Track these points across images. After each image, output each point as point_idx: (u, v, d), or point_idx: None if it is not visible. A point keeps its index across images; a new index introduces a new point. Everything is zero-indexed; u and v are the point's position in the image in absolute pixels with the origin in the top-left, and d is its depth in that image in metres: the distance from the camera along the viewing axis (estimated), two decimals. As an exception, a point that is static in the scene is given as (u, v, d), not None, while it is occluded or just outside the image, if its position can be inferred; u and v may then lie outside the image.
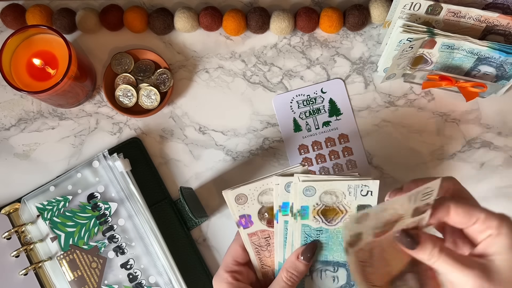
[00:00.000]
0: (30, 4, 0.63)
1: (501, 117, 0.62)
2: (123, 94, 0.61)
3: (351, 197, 0.45)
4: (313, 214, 0.45)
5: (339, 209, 0.45)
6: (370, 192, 0.44)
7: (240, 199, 0.47)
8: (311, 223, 0.46)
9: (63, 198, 0.57)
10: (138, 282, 0.56)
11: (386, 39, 0.60)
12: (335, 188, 0.44)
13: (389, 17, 0.59)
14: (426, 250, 0.41)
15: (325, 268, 0.48)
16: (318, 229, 0.46)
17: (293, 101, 0.62)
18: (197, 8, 0.63)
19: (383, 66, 0.61)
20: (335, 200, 0.45)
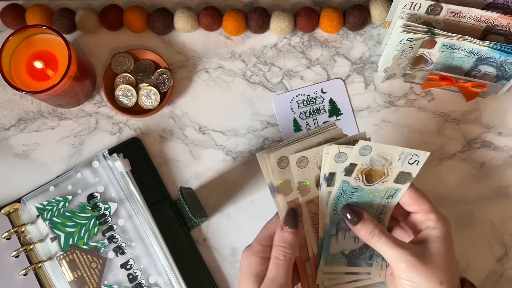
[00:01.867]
0: (30, 4, 0.63)
1: (502, 117, 0.62)
2: (123, 94, 0.61)
3: (398, 163, 0.46)
4: (357, 173, 0.46)
5: (383, 171, 0.46)
6: (417, 161, 0.45)
7: (301, 162, 0.45)
8: (351, 180, 0.47)
9: (63, 198, 0.57)
10: (138, 282, 0.56)
11: (386, 39, 0.60)
12: (389, 153, 0.45)
13: (389, 17, 0.59)
14: (368, 228, 0.46)
15: (348, 227, 0.49)
16: (355, 187, 0.47)
17: (293, 101, 0.62)
18: (197, 8, 0.63)
19: (383, 66, 0.61)
20: (384, 163, 0.46)
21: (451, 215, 0.59)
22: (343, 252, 0.50)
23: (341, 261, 0.50)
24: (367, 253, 0.51)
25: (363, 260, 0.51)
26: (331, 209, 0.48)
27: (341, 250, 0.50)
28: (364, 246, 0.50)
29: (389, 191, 0.48)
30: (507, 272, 0.58)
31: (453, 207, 0.59)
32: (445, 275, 0.45)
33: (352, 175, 0.46)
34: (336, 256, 0.50)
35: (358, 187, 0.47)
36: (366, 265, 0.51)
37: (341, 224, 0.49)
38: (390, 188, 0.48)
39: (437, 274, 0.45)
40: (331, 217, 0.49)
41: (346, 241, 0.50)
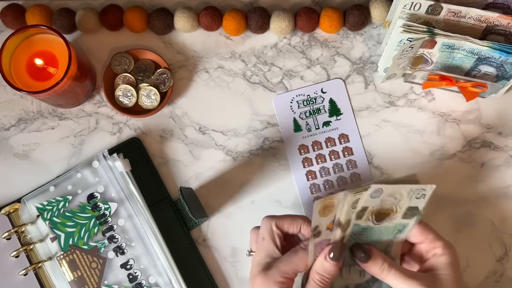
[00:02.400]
0: (30, 4, 0.63)
1: (502, 117, 0.62)
2: (123, 94, 0.61)
3: (407, 199, 0.46)
4: (368, 215, 0.46)
5: (392, 209, 0.47)
6: (424, 195, 0.46)
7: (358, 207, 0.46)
8: (362, 222, 0.47)
9: (63, 198, 0.57)
10: (138, 282, 0.56)
11: (386, 39, 0.60)
12: (399, 191, 0.45)
13: (389, 17, 0.59)
14: (378, 264, 0.46)
15: (354, 263, 0.49)
16: (365, 227, 0.48)
17: (293, 101, 0.62)
18: (197, 8, 0.63)
19: (383, 66, 0.61)
20: (393, 202, 0.46)
21: (451, 215, 0.59)
22: (348, 287, 0.50)
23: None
24: (373, 287, 0.50)
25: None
26: None
27: (345, 285, 0.50)
28: (370, 280, 0.50)
29: (398, 227, 0.48)
30: (507, 272, 0.58)
31: (453, 207, 0.59)
32: None
33: (363, 218, 0.47)
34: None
35: (367, 227, 0.48)
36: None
37: (346, 259, 0.49)
38: (399, 224, 0.48)
39: None
40: None
41: (351, 276, 0.50)
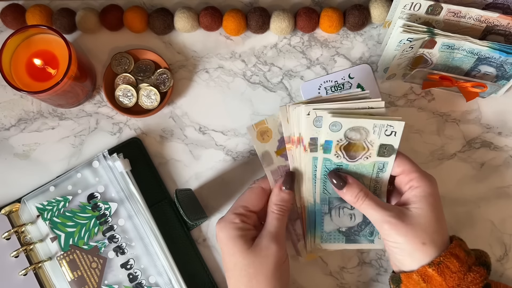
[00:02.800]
0: (30, 4, 0.63)
1: (501, 117, 0.62)
2: (123, 94, 0.61)
3: (375, 135, 0.46)
4: (336, 149, 0.47)
5: (362, 146, 0.47)
6: (394, 132, 0.45)
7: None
8: (332, 157, 0.47)
9: (63, 198, 0.57)
10: (138, 282, 0.56)
11: (386, 39, 0.60)
12: (361, 125, 0.45)
13: (389, 17, 0.59)
14: (353, 192, 0.47)
15: (342, 205, 0.50)
16: (339, 164, 0.48)
17: (321, 87, 0.62)
18: (197, 8, 0.63)
19: (383, 66, 0.61)
20: (359, 137, 0.46)
21: (451, 215, 0.59)
22: (339, 229, 0.51)
23: (338, 239, 0.51)
24: (366, 229, 0.51)
25: (363, 237, 0.51)
26: (320, 188, 0.49)
27: (337, 228, 0.51)
28: (362, 223, 0.51)
29: (376, 165, 0.48)
30: (507, 272, 0.58)
31: (453, 207, 0.60)
32: (429, 235, 0.45)
33: (331, 152, 0.47)
34: (333, 233, 0.51)
35: (341, 164, 0.48)
36: (367, 242, 0.52)
37: (333, 202, 0.50)
38: (377, 162, 0.48)
39: (418, 235, 0.45)
40: (321, 195, 0.50)
41: (341, 219, 0.51)
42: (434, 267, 0.44)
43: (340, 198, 0.50)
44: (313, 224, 0.51)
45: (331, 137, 0.46)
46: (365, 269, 0.58)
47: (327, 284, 0.58)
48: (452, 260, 0.45)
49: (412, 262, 0.46)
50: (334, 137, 0.46)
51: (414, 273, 0.45)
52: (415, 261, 0.45)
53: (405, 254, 0.46)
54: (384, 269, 0.58)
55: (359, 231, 0.51)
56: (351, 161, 0.48)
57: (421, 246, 0.45)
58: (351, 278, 0.58)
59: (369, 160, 0.48)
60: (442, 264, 0.44)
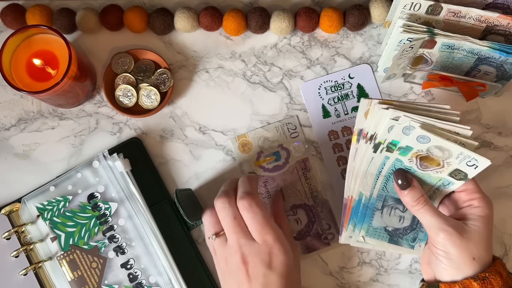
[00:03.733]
0: (30, 4, 0.63)
1: (501, 117, 0.62)
2: (123, 94, 0.61)
3: (456, 160, 0.47)
4: (412, 156, 0.48)
5: (438, 162, 0.48)
6: (476, 166, 0.47)
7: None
8: (405, 160, 0.49)
9: (63, 198, 0.57)
10: (138, 282, 0.56)
11: (386, 39, 0.60)
12: (448, 148, 0.46)
13: (389, 17, 0.59)
14: (415, 195, 0.48)
15: (396, 206, 0.52)
16: (408, 167, 0.49)
17: (321, 87, 0.62)
18: (197, 8, 0.63)
19: (383, 66, 0.61)
20: (440, 155, 0.47)
21: (451, 215, 0.59)
22: (386, 228, 0.53)
23: (383, 237, 0.53)
24: (410, 234, 0.53)
25: (406, 241, 0.53)
26: (380, 184, 0.51)
27: (384, 226, 0.52)
28: (408, 228, 0.52)
29: (442, 181, 0.50)
30: (507, 272, 0.58)
31: (453, 207, 0.60)
32: (480, 253, 0.47)
33: (406, 156, 0.48)
34: (379, 230, 0.53)
35: (411, 168, 0.49)
36: (407, 247, 0.53)
37: (388, 201, 0.51)
38: (444, 179, 0.49)
39: (471, 250, 0.46)
40: (379, 191, 0.51)
41: (391, 218, 0.52)
42: (479, 282, 0.46)
43: (395, 199, 0.52)
44: (363, 217, 0.53)
45: (414, 145, 0.47)
46: (365, 269, 0.58)
47: (327, 284, 0.58)
48: (496, 278, 0.46)
49: (456, 274, 0.47)
50: (417, 146, 0.47)
51: (457, 284, 0.47)
52: (460, 274, 0.47)
53: (453, 265, 0.47)
54: (384, 269, 0.58)
55: (404, 235, 0.53)
56: (421, 169, 0.49)
57: (470, 261, 0.46)
58: (351, 278, 0.58)
59: (437, 175, 0.49)
60: (487, 280, 0.46)
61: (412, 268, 0.58)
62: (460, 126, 0.48)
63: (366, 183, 0.52)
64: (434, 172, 0.49)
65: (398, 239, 0.53)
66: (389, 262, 0.58)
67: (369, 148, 0.50)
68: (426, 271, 0.52)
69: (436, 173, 0.49)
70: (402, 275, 0.58)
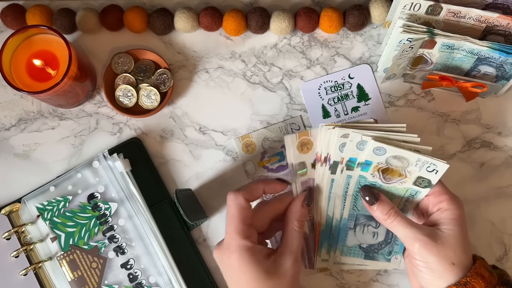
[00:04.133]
0: (30, 4, 0.63)
1: (501, 117, 0.62)
2: (123, 94, 0.61)
3: (416, 168, 0.47)
4: (373, 170, 0.48)
5: (400, 172, 0.48)
6: (436, 171, 0.47)
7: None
8: (368, 176, 0.49)
9: (63, 198, 0.57)
10: (138, 282, 0.56)
11: (386, 39, 0.60)
12: (405, 156, 0.47)
13: (389, 17, 0.59)
14: (384, 209, 0.48)
15: (368, 223, 0.52)
16: (373, 183, 0.49)
17: (321, 87, 0.62)
18: (197, 8, 0.63)
19: (383, 66, 0.61)
20: (400, 165, 0.47)
21: (451, 215, 0.59)
22: (360, 245, 0.53)
23: (358, 254, 0.53)
24: (385, 249, 0.52)
25: (382, 255, 0.53)
26: (350, 204, 0.51)
27: (358, 244, 0.52)
28: (383, 242, 0.52)
29: (409, 191, 0.49)
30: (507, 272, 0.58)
31: (453, 207, 0.60)
32: (458, 257, 0.46)
33: (368, 171, 0.48)
34: (353, 248, 0.53)
35: (376, 183, 0.49)
36: (384, 260, 0.53)
37: (360, 219, 0.51)
38: (410, 189, 0.49)
39: (448, 255, 0.46)
40: (350, 211, 0.51)
41: (364, 236, 0.52)
42: (461, 287, 0.45)
43: (367, 216, 0.52)
44: (336, 238, 0.53)
45: (372, 158, 0.47)
46: (365, 269, 0.58)
47: (327, 284, 0.58)
48: (478, 280, 0.45)
49: (440, 284, 0.46)
50: (375, 159, 0.47)
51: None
52: (443, 282, 0.46)
53: (434, 274, 0.46)
54: (384, 269, 0.58)
55: (379, 249, 0.53)
56: (386, 182, 0.49)
57: (450, 267, 0.46)
58: (351, 278, 0.58)
59: (403, 186, 0.49)
60: (469, 284, 0.45)
61: (412, 268, 0.58)
62: (407, 135, 0.47)
63: (334, 205, 0.52)
64: (398, 183, 0.49)
65: (373, 255, 0.53)
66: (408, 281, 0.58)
67: (326, 170, 0.50)
68: (413, 281, 0.51)
69: (401, 184, 0.49)
70: (402, 275, 0.58)
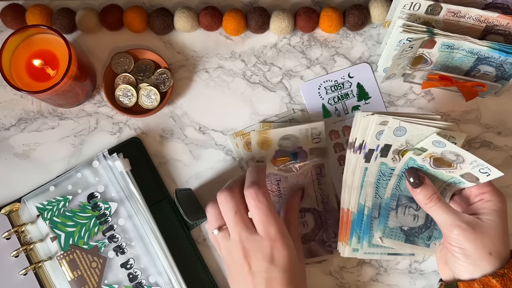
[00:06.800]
0: (30, 4, 0.63)
1: (501, 117, 0.62)
2: (123, 94, 0.61)
3: (469, 166, 0.48)
4: (426, 156, 0.49)
5: (451, 164, 0.49)
6: (488, 174, 0.48)
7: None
8: (418, 159, 0.50)
9: (63, 198, 0.57)
10: (138, 281, 0.56)
11: (386, 39, 0.60)
12: (462, 154, 0.47)
13: (389, 17, 0.59)
14: (427, 193, 0.48)
15: (409, 204, 0.52)
16: (421, 165, 0.50)
17: (321, 87, 0.62)
18: (197, 8, 0.63)
19: (383, 66, 0.61)
20: (454, 159, 0.48)
21: (450, 214, 0.59)
22: (402, 227, 0.53)
23: (399, 237, 0.53)
24: (425, 233, 0.53)
25: (421, 239, 0.53)
26: (393, 183, 0.51)
27: (399, 226, 0.53)
28: (423, 226, 0.53)
29: (454, 179, 0.50)
30: (506, 271, 0.58)
31: (453, 207, 0.60)
32: (496, 247, 0.46)
33: (420, 156, 0.49)
34: (395, 230, 0.53)
35: (423, 166, 0.50)
36: (423, 245, 0.53)
37: (402, 200, 0.52)
38: (455, 178, 0.50)
39: (487, 245, 0.46)
40: (393, 190, 0.52)
41: (405, 218, 0.53)
42: (498, 278, 0.45)
43: (409, 197, 0.52)
44: (368, 228, 0.53)
45: (429, 147, 0.48)
46: (365, 269, 0.58)
47: (327, 284, 0.58)
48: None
49: (474, 271, 0.46)
50: (432, 149, 0.48)
51: (475, 282, 0.46)
52: (477, 270, 0.46)
53: (469, 261, 0.46)
54: (384, 269, 0.58)
55: (419, 233, 0.53)
56: (434, 167, 0.50)
57: (487, 256, 0.46)
58: (351, 278, 0.58)
59: (450, 174, 0.50)
60: (506, 276, 0.45)
61: (411, 268, 0.58)
62: (456, 133, 0.48)
63: (366, 193, 0.52)
64: (446, 171, 0.50)
65: (414, 239, 0.53)
66: (389, 262, 0.58)
67: (360, 159, 0.51)
68: (444, 270, 0.51)
69: (448, 172, 0.50)
70: (401, 275, 0.58)
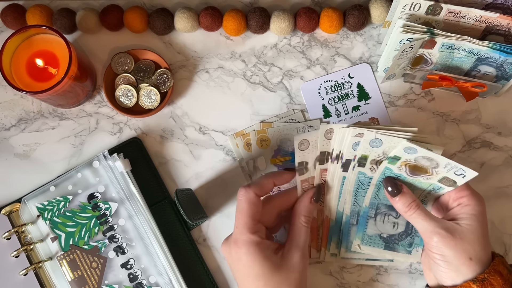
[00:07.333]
0: (30, 4, 0.63)
1: (501, 117, 0.62)
2: (123, 94, 0.61)
3: (444, 169, 0.48)
4: (401, 164, 0.49)
5: (427, 170, 0.48)
6: (464, 176, 0.48)
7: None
8: (394, 168, 0.49)
9: (63, 198, 0.57)
10: (139, 282, 0.56)
11: (386, 39, 0.60)
12: (434, 159, 0.47)
13: (389, 17, 0.59)
14: (406, 201, 0.48)
15: (389, 212, 0.52)
16: (398, 175, 0.50)
17: (321, 87, 0.62)
18: (197, 8, 0.63)
19: (383, 66, 0.61)
20: (428, 164, 0.48)
21: (451, 215, 0.59)
22: (381, 235, 0.53)
23: (378, 244, 0.53)
24: (406, 240, 0.53)
25: (402, 246, 0.53)
26: (371, 193, 0.51)
27: (378, 233, 0.53)
28: (403, 233, 0.53)
29: (432, 186, 0.50)
30: None
31: (453, 207, 0.60)
32: (476, 252, 0.46)
33: (395, 165, 0.49)
34: (374, 237, 0.53)
35: (400, 175, 0.50)
36: (404, 252, 0.53)
37: (381, 208, 0.52)
38: (434, 184, 0.50)
39: (467, 250, 0.46)
40: (371, 199, 0.52)
41: (384, 225, 0.53)
42: (479, 283, 0.45)
43: (388, 205, 0.52)
44: (347, 233, 0.53)
45: (402, 155, 0.48)
46: (365, 269, 0.58)
47: (327, 284, 0.58)
48: (496, 278, 0.45)
49: (456, 277, 0.46)
50: (405, 156, 0.48)
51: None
52: (459, 276, 0.46)
53: (451, 267, 0.46)
54: (384, 269, 0.58)
55: (399, 240, 0.53)
56: (411, 176, 0.50)
57: (468, 261, 0.46)
58: (351, 278, 0.58)
59: (427, 181, 0.50)
60: (486, 281, 0.45)
61: (412, 268, 0.58)
62: (432, 145, 0.48)
63: (344, 201, 0.52)
64: (424, 178, 0.49)
65: (394, 245, 0.53)
66: (389, 262, 0.58)
67: (338, 168, 0.51)
68: (429, 276, 0.51)
69: (425, 179, 0.49)
70: (402, 275, 0.58)
